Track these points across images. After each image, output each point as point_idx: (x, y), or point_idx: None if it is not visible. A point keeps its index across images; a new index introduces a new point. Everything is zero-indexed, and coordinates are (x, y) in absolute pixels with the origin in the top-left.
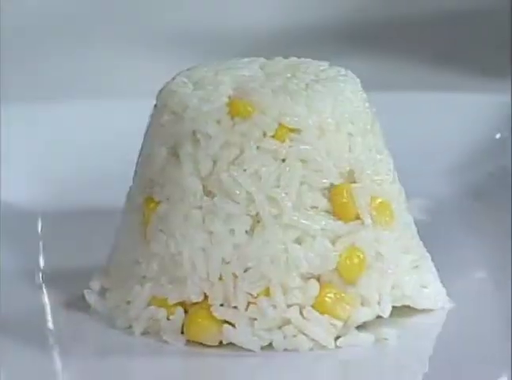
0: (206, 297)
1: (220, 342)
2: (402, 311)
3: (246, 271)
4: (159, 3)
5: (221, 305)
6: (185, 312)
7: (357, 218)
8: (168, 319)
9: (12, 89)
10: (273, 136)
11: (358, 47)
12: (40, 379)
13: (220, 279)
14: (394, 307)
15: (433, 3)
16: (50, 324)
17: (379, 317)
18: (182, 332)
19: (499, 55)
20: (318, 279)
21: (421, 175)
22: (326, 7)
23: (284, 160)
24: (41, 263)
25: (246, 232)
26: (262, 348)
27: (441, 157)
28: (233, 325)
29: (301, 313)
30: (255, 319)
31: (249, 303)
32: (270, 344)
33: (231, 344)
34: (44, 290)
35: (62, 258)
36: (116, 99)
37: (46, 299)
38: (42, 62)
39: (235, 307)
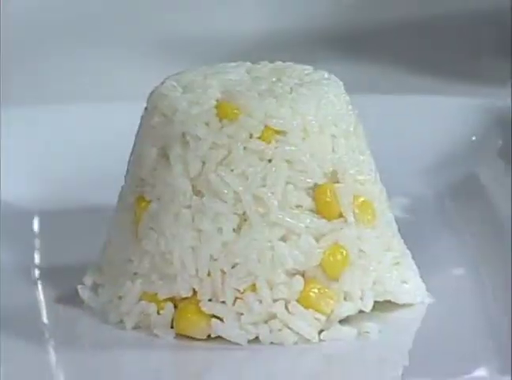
0: (195, 292)
1: (209, 336)
2: (383, 306)
3: (233, 267)
4: (153, 15)
5: (209, 300)
6: (175, 307)
7: (341, 216)
8: (158, 314)
9: (11, 90)
10: (259, 137)
11: (341, 52)
12: (35, 371)
13: (209, 275)
14: (375, 302)
15: (412, 11)
16: (45, 319)
17: (361, 311)
18: (172, 326)
19: (477, 62)
20: (302, 274)
21: (401, 175)
22: (310, 14)
23: (270, 160)
24: (37, 259)
25: (234, 230)
26: (249, 342)
27: (420, 158)
28: (221, 320)
29: (286, 307)
30: (242, 314)
31: (236, 298)
32: (257, 338)
33: (218, 338)
34: (40, 286)
35: (57, 255)
36: (111, 101)
37: (41, 294)
38: (42, 64)
39: (223, 302)
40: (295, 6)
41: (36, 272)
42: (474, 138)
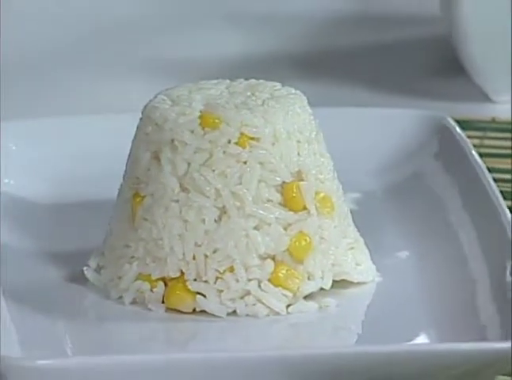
0: (182, 273)
1: (194, 309)
2: (340, 284)
3: (214, 252)
4: (148, 41)
5: (194, 279)
6: (165, 285)
7: (304, 209)
8: (151, 291)
9: (12, 104)
10: (236, 143)
11: (305, 71)
12: (46, 341)
13: (194, 258)
14: (334, 281)
15: (365, 37)
16: (55, 295)
17: (322, 288)
18: (163, 302)
19: (419, 79)
20: (273, 258)
21: (355, 174)
22: (278, 39)
23: (245, 162)
24: (49, 246)
25: (215, 221)
26: (228, 314)
27: (370, 160)
28: (204, 296)
29: (259, 286)
30: (222, 291)
31: (217, 278)
32: (234, 311)
33: (202, 311)
34: (51, 268)
35: (66, 242)
36: (113, 113)
37: (52, 275)
38: (44, 83)
39: (206, 281)
40: (266, 34)
41: (48, 257)
42: (416, 143)
